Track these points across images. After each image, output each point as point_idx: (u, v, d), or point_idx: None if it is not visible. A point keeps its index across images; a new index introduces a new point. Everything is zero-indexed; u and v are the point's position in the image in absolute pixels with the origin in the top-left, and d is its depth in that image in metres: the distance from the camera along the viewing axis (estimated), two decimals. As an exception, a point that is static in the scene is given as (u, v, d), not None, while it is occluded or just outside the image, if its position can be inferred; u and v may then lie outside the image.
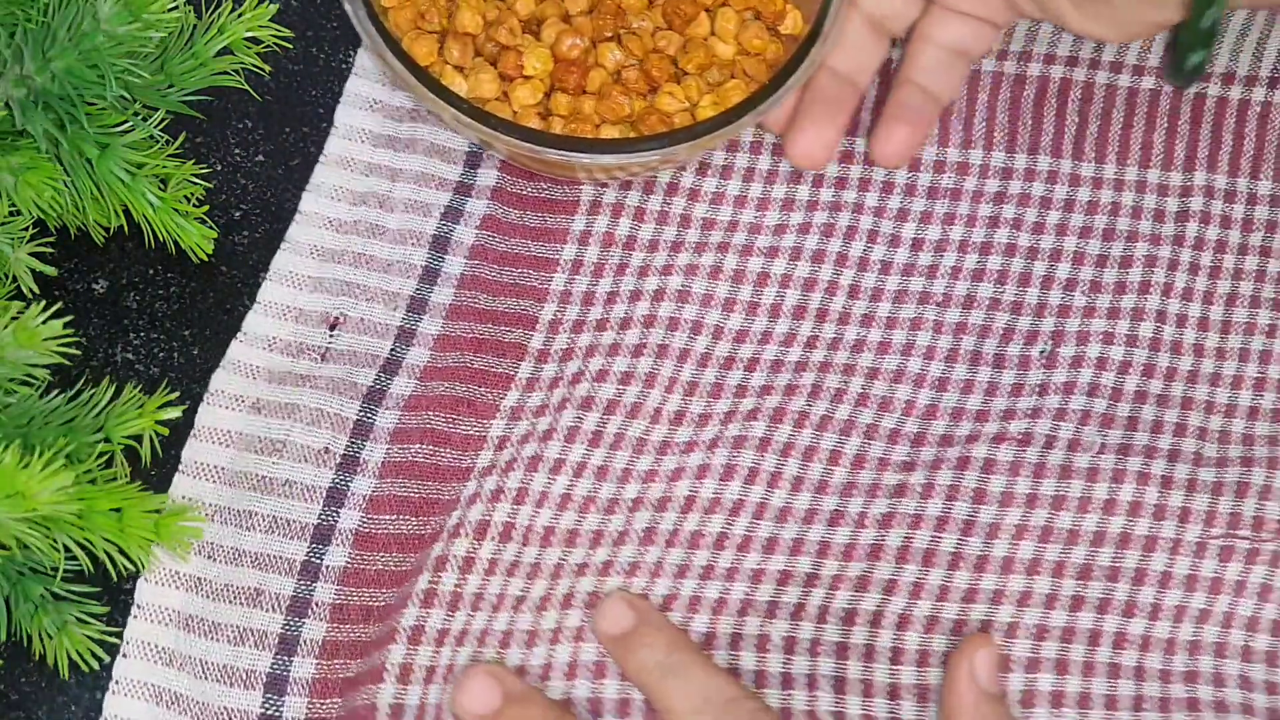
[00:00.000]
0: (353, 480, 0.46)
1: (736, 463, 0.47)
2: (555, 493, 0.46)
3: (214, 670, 0.44)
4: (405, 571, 0.45)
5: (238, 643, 0.44)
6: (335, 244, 0.49)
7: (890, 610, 0.45)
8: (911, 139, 0.50)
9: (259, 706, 0.43)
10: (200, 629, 0.44)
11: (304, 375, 0.47)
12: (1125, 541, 0.46)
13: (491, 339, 0.49)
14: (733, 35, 0.50)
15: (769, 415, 0.48)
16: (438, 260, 0.50)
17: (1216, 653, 0.45)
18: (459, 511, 0.45)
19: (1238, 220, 0.52)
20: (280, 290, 0.49)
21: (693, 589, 0.45)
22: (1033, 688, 0.44)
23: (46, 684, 0.44)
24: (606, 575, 0.45)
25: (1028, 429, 0.48)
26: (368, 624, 0.44)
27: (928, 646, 0.45)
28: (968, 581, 0.45)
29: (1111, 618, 0.45)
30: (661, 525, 0.46)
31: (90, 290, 0.49)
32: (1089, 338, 0.49)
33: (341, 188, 0.50)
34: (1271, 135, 0.53)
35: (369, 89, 0.51)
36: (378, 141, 0.51)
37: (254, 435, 0.47)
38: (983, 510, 0.46)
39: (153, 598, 0.44)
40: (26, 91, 0.43)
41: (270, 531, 0.45)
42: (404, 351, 0.48)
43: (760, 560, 0.46)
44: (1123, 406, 0.48)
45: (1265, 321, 0.50)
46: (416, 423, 0.47)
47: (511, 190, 0.51)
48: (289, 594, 0.45)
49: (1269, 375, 0.49)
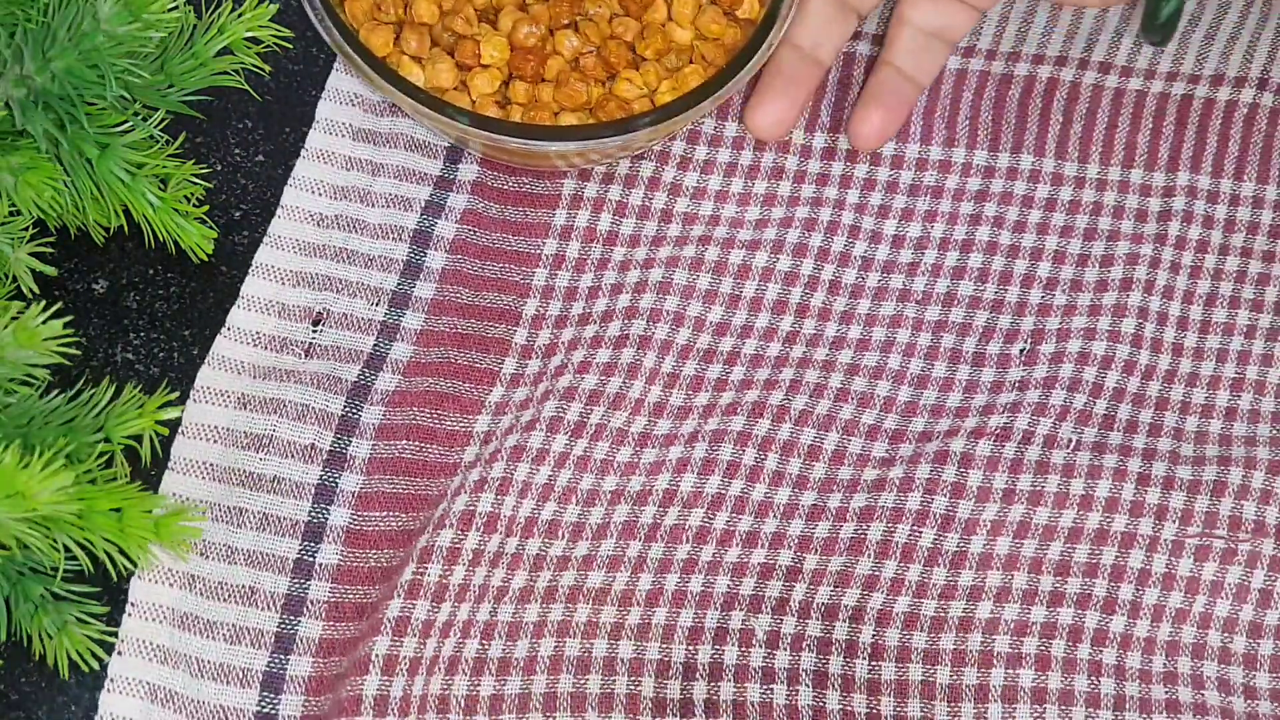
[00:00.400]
0: (341, 477, 0.46)
1: (716, 456, 0.47)
2: (537, 483, 0.46)
3: (210, 668, 0.44)
4: (396, 567, 0.45)
5: (234, 641, 0.44)
6: (317, 238, 0.49)
7: (870, 606, 0.45)
8: (887, 122, 0.50)
9: (255, 704, 0.43)
10: (195, 627, 0.44)
11: (289, 371, 0.47)
12: (1102, 538, 0.46)
13: (475, 334, 0.49)
14: (690, 20, 0.50)
15: (748, 410, 0.48)
16: (420, 255, 0.50)
17: (1194, 654, 0.45)
18: (444, 504, 0.46)
19: (1220, 221, 0.52)
20: (263, 285, 0.49)
21: (675, 583, 0.45)
22: (1014, 684, 0.44)
23: (46, 684, 0.44)
24: (588, 569, 0.45)
25: (1006, 424, 0.48)
26: (362, 620, 0.44)
27: (907, 643, 0.45)
28: (945, 577, 0.46)
29: (1091, 613, 0.45)
30: (641, 519, 0.46)
31: (90, 290, 0.49)
32: (1070, 334, 0.50)
33: (323, 182, 0.50)
34: (1256, 136, 0.53)
35: (350, 85, 0.52)
36: (358, 136, 0.51)
37: (240, 431, 0.47)
38: (960, 505, 0.46)
39: (146, 595, 0.44)
40: (26, 91, 0.43)
41: (261, 529, 0.45)
42: (388, 347, 0.48)
43: (741, 554, 0.46)
44: (1101, 403, 0.49)
45: (1244, 322, 0.50)
46: (402, 419, 0.47)
47: (492, 185, 0.51)
48: (283, 592, 0.45)
49: (1246, 375, 0.50)
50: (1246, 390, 0.49)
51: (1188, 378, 0.49)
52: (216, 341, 0.48)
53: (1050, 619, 0.45)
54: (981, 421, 0.48)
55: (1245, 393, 0.49)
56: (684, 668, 0.45)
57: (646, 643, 0.45)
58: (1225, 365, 0.50)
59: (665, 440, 0.47)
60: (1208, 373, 0.50)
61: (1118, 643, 0.45)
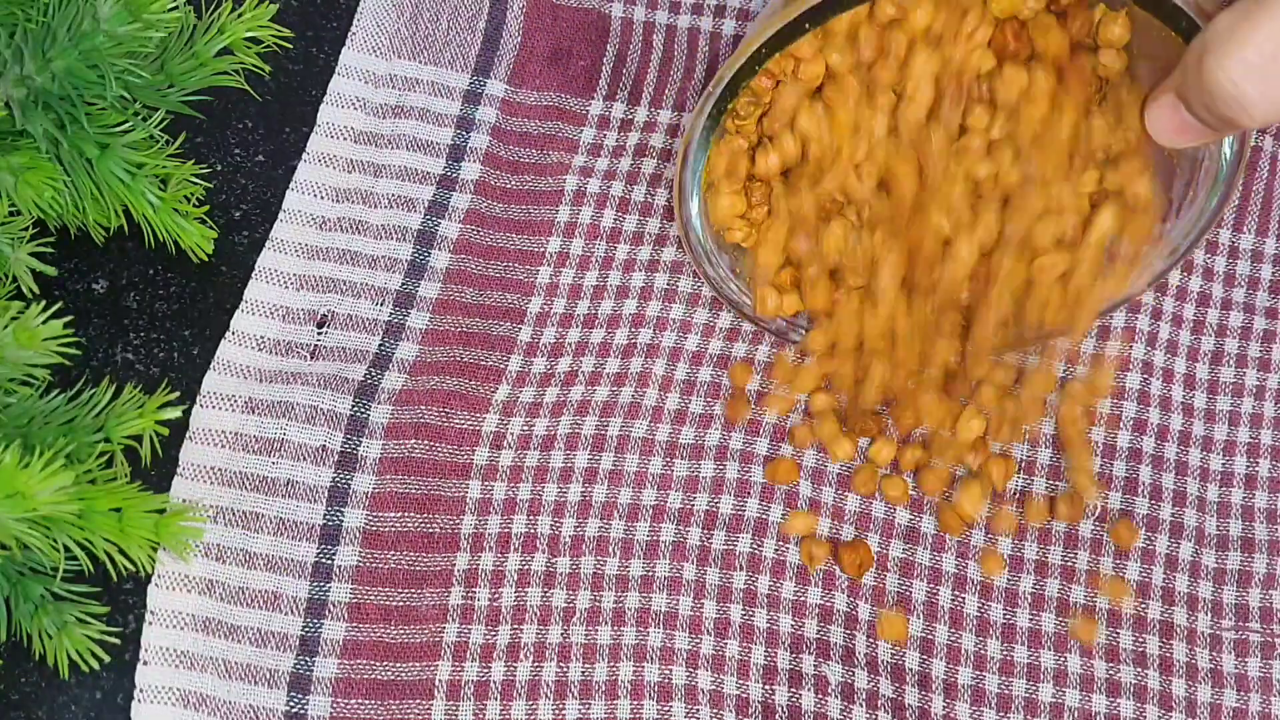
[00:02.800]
0: (353, 478, 0.46)
1: (723, 476, 0.47)
2: (570, 501, 0.47)
3: (237, 670, 0.44)
4: (419, 572, 0.45)
5: (260, 644, 0.44)
6: (320, 241, 0.49)
7: (934, 674, 0.45)
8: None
9: (284, 704, 0.43)
10: (220, 631, 0.44)
11: (295, 373, 0.47)
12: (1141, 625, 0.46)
13: (480, 332, 0.49)
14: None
15: (767, 431, 0.48)
16: (423, 255, 0.50)
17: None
18: (471, 518, 0.46)
19: (1219, 274, 0.51)
20: (267, 289, 0.49)
21: (740, 615, 0.46)
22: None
23: (46, 684, 0.44)
24: (649, 590, 0.46)
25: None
26: (388, 624, 0.45)
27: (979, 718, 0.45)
28: (1000, 651, 0.46)
29: (1151, 709, 0.45)
30: (688, 540, 0.47)
31: (90, 290, 0.49)
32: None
33: (325, 185, 0.50)
34: (1257, 187, 0.52)
35: (353, 87, 0.52)
36: (360, 139, 0.51)
37: (250, 435, 0.47)
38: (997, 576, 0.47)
39: (165, 603, 0.44)
40: (26, 91, 0.43)
41: (278, 534, 0.45)
42: (393, 346, 0.48)
43: (797, 590, 0.46)
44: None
45: (1253, 383, 0.50)
46: (410, 417, 0.47)
47: (495, 184, 0.51)
48: (305, 596, 0.45)
49: (1262, 440, 0.49)
50: (1264, 457, 0.49)
51: (1203, 441, 0.49)
52: (221, 347, 0.48)
53: (1112, 710, 0.45)
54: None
55: (1263, 459, 0.49)
56: (763, 708, 0.45)
57: (723, 675, 0.45)
58: (1239, 429, 0.49)
59: (692, 452, 0.48)
60: (1221, 437, 0.49)
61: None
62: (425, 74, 0.52)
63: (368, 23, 0.52)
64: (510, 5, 0.53)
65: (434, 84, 0.52)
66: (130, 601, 0.45)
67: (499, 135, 0.51)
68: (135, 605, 0.45)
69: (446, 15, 0.53)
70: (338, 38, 0.53)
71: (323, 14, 0.53)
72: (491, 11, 0.53)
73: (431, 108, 0.52)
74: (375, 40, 0.52)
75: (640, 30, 0.54)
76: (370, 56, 0.52)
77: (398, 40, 0.52)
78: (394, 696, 0.44)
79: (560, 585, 0.45)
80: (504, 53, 0.53)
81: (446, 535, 0.46)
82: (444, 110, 0.52)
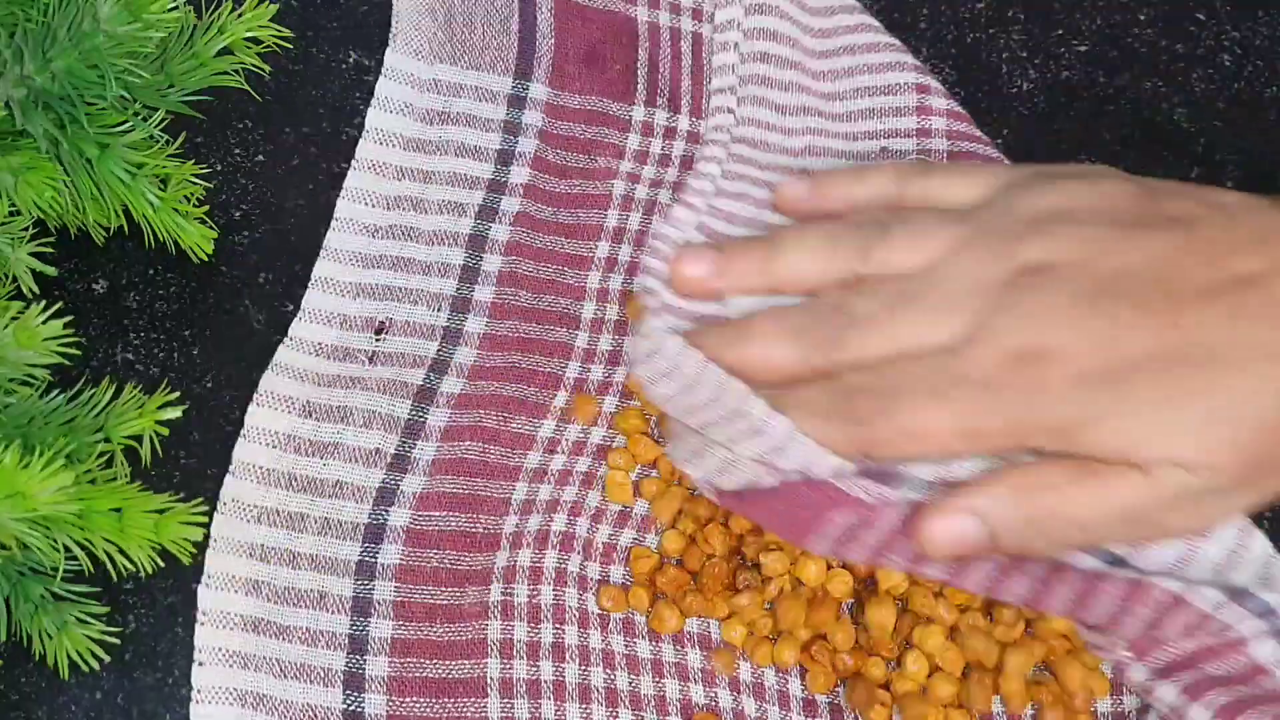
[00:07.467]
0: (403, 479, 0.46)
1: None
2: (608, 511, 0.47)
3: (291, 669, 0.44)
4: (463, 571, 0.45)
5: (310, 643, 0.44)
6: (373, 249, 0.49)
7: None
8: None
9: (341, 703, 0.43)
10: (270, 631, 0.44)
11: (354, 378, 0.47)
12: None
13: (537, 338, 0.49)
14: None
15: None
16: (475, 259, 0.50)
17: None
18: (514, 519, 0.46)
19: None
20: (324, 298, 0.48)
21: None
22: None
23: (46, 684, 0.44)
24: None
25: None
26: (434, 622, 0.45)
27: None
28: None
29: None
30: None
31: (90, 290, 0.49)
32: None
33: (375, 193, 0.50)
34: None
35: (400, 91, 0.51)
36: (409, 145, 0.51)
37: (304, 438, 0.46)
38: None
39: (215, 604, 0.44)
40: (26, 91, 0.43)
41: (323, 533, 0.45)
42: (451, 351, 0.48)
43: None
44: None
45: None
46: (468, 420, 0.47)
47: (545, 187, 0.51)
48: (350, 595, 0.45)
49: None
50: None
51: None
52: (279, 350, 0.47)
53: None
54: None
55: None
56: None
57: (766, 705, 0.46)
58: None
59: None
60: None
61: None
62: (469, 79, 0.52)
63: (405, 25, 0.52)
64: (540, 7, 0.54)
65: (478, 89, 0.52)
66: (130, 601, 0.45)
67: (546, 139, 0.52)
68: (135, 605, 0.45)
69: (480, 19, 0.53)
70: (338, 38, 0.53)
71: (323, 14, 0.53)
72: (523, 13, 0.53)
73: (478, 113, 0.52)
74: (416, 44, 0.52)
75: (668, 36, 0.54)
76: (413, 60, 0.52)
77: (435, 44, 0.52)
78: (449, 695, 0.44)
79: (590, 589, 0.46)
80: (541, 54, 0.53)
81: (489, 536, 0.46)
82: (490, 115, 0.52)
